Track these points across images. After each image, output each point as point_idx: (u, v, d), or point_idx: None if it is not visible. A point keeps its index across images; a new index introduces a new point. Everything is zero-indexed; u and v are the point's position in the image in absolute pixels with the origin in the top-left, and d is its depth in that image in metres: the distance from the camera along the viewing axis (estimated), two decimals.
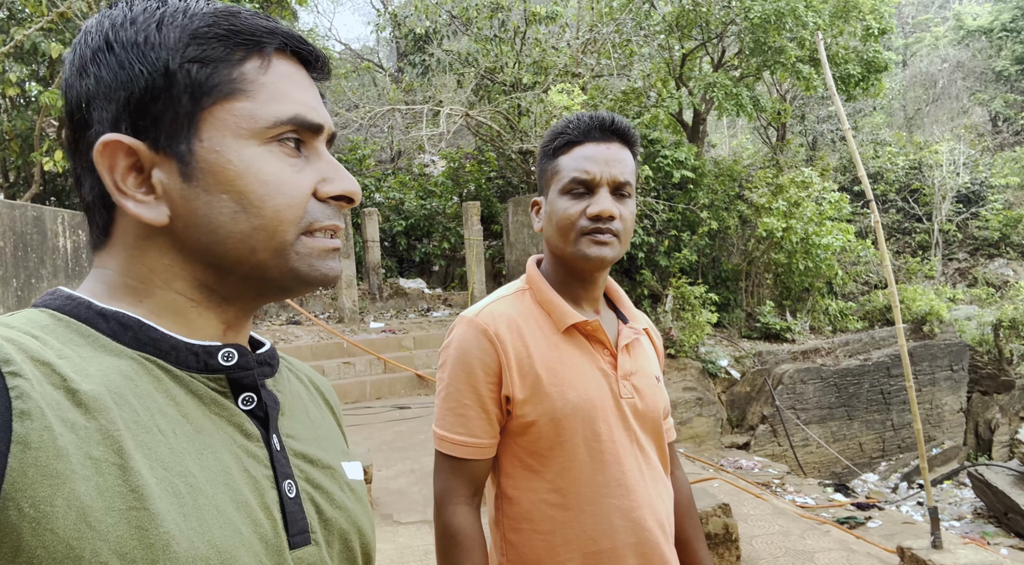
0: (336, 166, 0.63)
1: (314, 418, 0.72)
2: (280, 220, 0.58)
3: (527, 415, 1.14)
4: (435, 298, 10.52)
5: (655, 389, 1.24)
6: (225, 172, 0.57)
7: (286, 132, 0.59)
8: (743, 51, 10.85)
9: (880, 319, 10.91)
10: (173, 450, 0.52)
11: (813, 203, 9.74)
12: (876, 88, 11.55)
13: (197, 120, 0.57)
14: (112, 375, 0.52)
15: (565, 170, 1.18)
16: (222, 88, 0.57)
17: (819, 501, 7.27)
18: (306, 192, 0.60)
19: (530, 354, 1.16)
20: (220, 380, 0.60)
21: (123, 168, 0.57)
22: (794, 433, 9.20)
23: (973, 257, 15.29)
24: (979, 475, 8.52)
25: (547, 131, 1.25)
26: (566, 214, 1.17)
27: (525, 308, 1.22)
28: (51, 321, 0.54)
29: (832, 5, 10.65)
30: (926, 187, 15.11)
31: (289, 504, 0.59)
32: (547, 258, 1.27)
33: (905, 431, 10.21)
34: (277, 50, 0.61)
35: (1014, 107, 20.29)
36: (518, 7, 9.73)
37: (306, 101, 0.61)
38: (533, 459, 1.16)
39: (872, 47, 11.07)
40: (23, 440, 0.44)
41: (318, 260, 0.61)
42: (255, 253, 0.59)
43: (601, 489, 1.14)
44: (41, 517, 0.44)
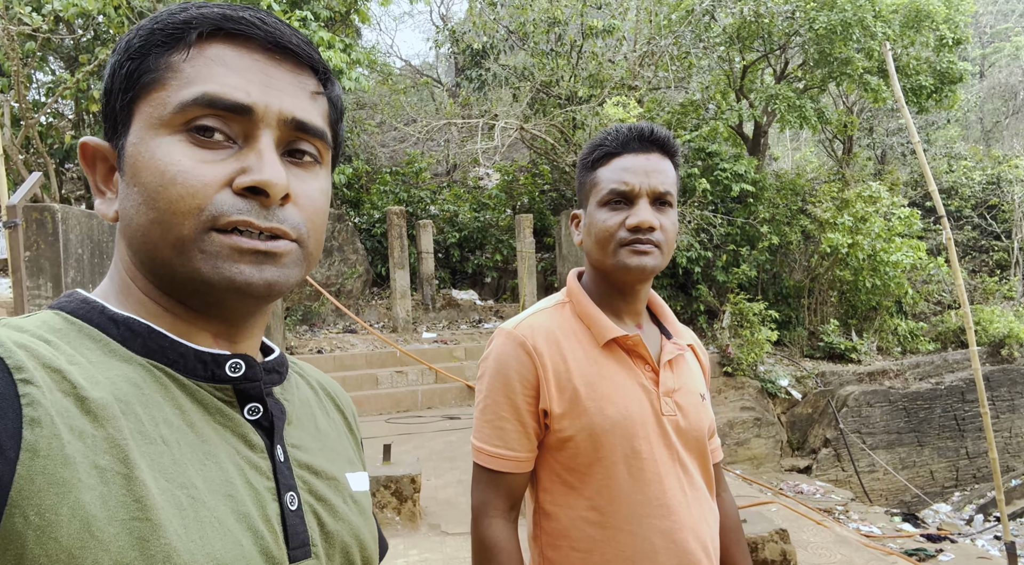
0: (263, 156, 0.56)
1: (322, 427, 0.71)
2: (173, 211, 0.54)
3: (565, 430, 1.12)
4: (487, 309, 10.56)
5: (699, 407, 1.21)
6: (136, 164, 0.56)
7: (198, 117, 0.55)
8: (807, 62, 10.55)
9: (954, 341, 10.34)
10: (176, 461, 0.52)
11: (881, 218, 9.35)
12: (950, 100, 11.05)
13: (130, 115, 0.57)
14: (120, 383, 0.52)
15: (604, 182, 1.17)
16: (145, 79, 0.56)
17: (886, 531, 6.90)
18: (209, 182, 0.54)
19: (568, 368, 1.14)
20: (226, 390, 0.59)
21: (103, 169, 0.60)
22: (859, 458, 8.78)
23: None
24: None
25: (588, 142, 1.24)
26: (605, 226, 1.15)
27: (565, 321, 1.20)
28: (64, 325, 0.55)
29: (903, 15, 10.26)
30: (1005, 203, 14.32)
31: (291, 517, 0.59)
32: (588, 271, 1.26)
33: (981, 460, 9.61)
34: (211, 36, 0.56)
35: None
36: (575, 21, 9.75)
37: (228, 82, 0.55)
38: (571, 475, 1.14)
39: (946, 57, 10.61)
40: (32, 448, 0.45)
41: (225, 261, 0.55)
42: (156, 248, 0.55)
43: (641, 508, 1.11)
44: (46, 525, 0.44)
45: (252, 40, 0.58)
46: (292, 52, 0.59)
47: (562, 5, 9.64)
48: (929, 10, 10.27)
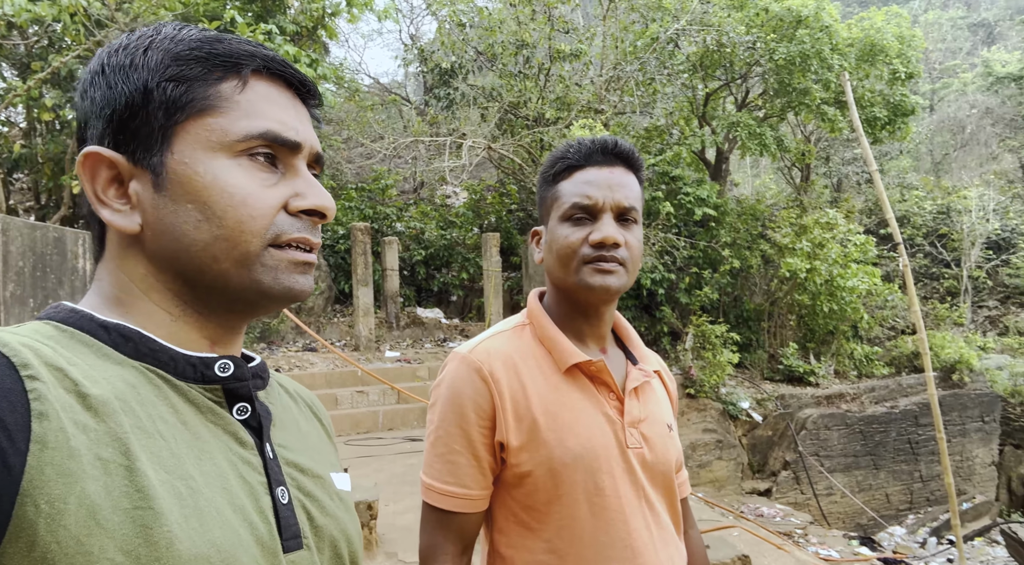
0: (312, 183, 0.65)
1: (304, 430, 0.74)
2: (242, 230, 0.60)
3: (522, 464, 1.03)
4: (452, 328, 10.45)
5: (666, 439, 1.13)
6: (191, 183, 0.60)
7: (257, 147, 0.62)
8: (767, 92, 10.85)
9: (907, 365, 10.61)
10: (174, 454, 0.54)
11: (838, 245, 9.58)
12: (903, 132, 11.46)
13: (170, 134, 0.60)
14: (117, 382, 0.55)
15: (566, 196, 1.10)
16: (196, 104, 0.60)
17: (844, 554, 6.96)
18: (273, 205, 0.62)
19: (527, 396, 1.05)
20: (216, 390, 0.62)
21: (104, 179, 0.61)
22: (817, 481, 8.89)
23: (1004, 305, 14.90)
24: (1013, 533, 8.11)
25: (548, 156, 1.16)
26: (567, 242, 1.07)
27: (524, 345, 1.11)
28: (56, 332, 0.57)
29: (858, 48, 10.65)
30: (955, 232, 14.86)
31: (282, 509, 0.61)
32: (549, 291, 1.17)
33: (934, 483, 9.82)
34: (257, 72, 0.64)
35: None
36: (543, 45, 9.85)
37: (282, 119, 0.63)
38: (529, 514, 1.04)
39: (899, 91, 11.02)
40: (41, 439, 0.47)
41: (284, 273, 0.63)
42: (216, 262, 0.60)
43: (604, 551, 1.02)
44: (55, 514, 0.46)
45: (284, 79, 0.66)
46: (309, 93, 0.68)
47: (530, 29, 9.73)
48: (883, 45, 10.69)
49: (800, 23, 10.09)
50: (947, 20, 29.56)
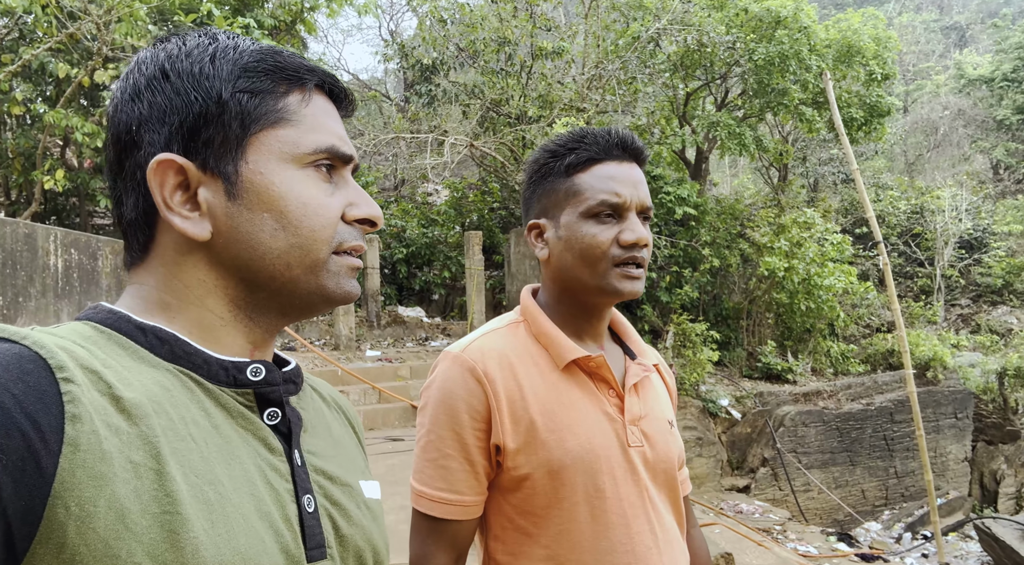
0: (362, 193, 0.68)
1: (336, 436, 0.74)
2: (315, 239, 0.63)
3: (520, 467, 1.00)
4: (434, 327, 10.40)
5: (668, 436, 1.10)
6: (268, 192, 0.62)
7: (321, 159, 0.65)
8: (747, 92, 10.93)
9: (882, 363, 10.76)
10: (205, 458, 0.55)
11: (815, 244, 9.69)
12: (878, 132, 11.61)
13: (245, 144, 0.62)
14: (151, 385, 0.55)
15: (590, 191, 1.04)
16: (269, 117, 0.63)
17: (822, 550, 7.04)
18: (337, 214, 0.65)
19: (524, 396, 1.01)
20: (248, 395, 0.63)
21: (172, 186, 0.62)
22: (795, 477, 8.98)
23: (976, 303, 15.20)
24: (986, 528, 8.28)
25: (548, 143, 1.11)
26: (596, 241, 1.03)
27: (519, 342, 1.08)
28: (95, 333, 0.58)
29: (835, 50, 10.76)
30: (928, 232, 15.12)
31: (308, 518, 0.62)
32: (550, 288, 1.12)
33: (909, 479, 9.98)
34: (318, 87, 0.67)
35: (1016, 156, 20.44)
36: (525, 42, 9.82)
37: (340, 133, 0.67)
38: (527, 520, 1.01)
39: (875, 92, 11.16)
40: (73, 442, 0.47)
41: (344, 278, 0.66)
42: (290, 269, 0.63)
43: (605, 557, 0.99)
44: (85, 516, 0.46)
45: (335, 94, 0.69)
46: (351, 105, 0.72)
47: (512, 26, 9.70)
48: (860, 46, 10.82)
49: (779, 24, 10.18)
50: (920, 23, 30.10)
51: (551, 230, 1.09)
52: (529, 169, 1.14)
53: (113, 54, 7.07)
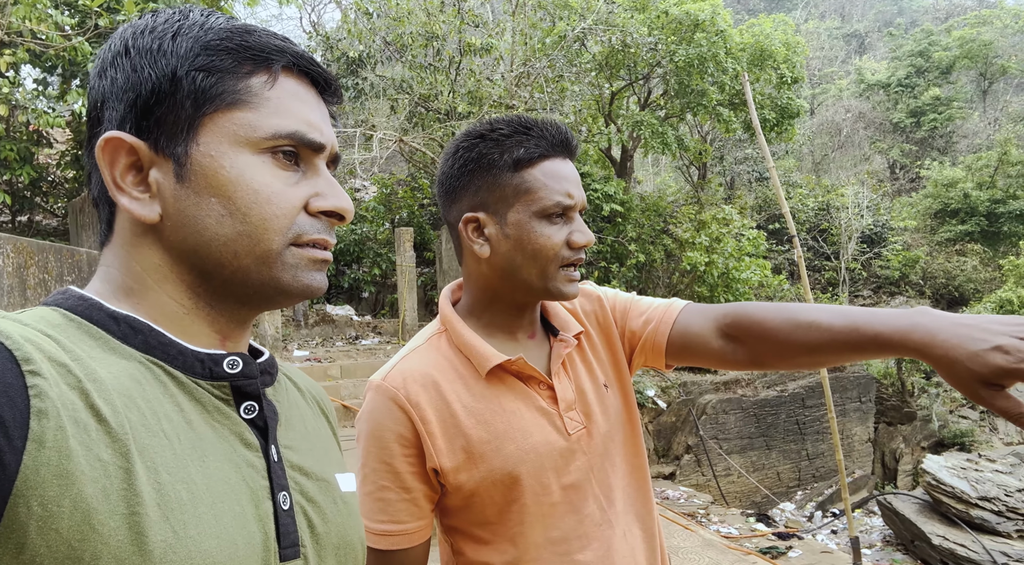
0: (332, 183, 0.65)
1: (311, 428, 0.72)
2: (266, 228, 0.60)
3: (464, 485, 0.98)
4: (364, 325, 10.23)
5: (605, 401, 1.08)
6: (216, 176, 0.59)
7: (283, 145, 0.61)
8: (668, 92, 11.30)
9: None
10: (177, 456, 0.53)
11: (733, 239, 10.14)
12: (789, 133, 12.26)
13: (197, 125, 0.59)
14: (122, 378, 0.53)
15: (544, 190, 1.00)
16: (225, 97, 0.60)
17: (742, 531, 7.40)
18: (295, 204, 0.62)
19: (454, 413, 0.99)
20: (224, 388, 0.61)
21: (123, 165, 0.60)
22: (717, 463, 9.39)
23: (876, 294, 16.32)
24: (888, 504, 8.92)
25: (484, 131, 1.03)
26: (550, 242, 1.00)
27: (442, 357, 1.04)
28: (63, 321, 0.55)
29: (749, 53, 11.29)
30: (833, 227, 16.09)
31: (283, 516, 0.60)
32: (482, 286, 1.07)
33: (819, 461, 10.61)
34: (285, 68, 0.63)
35: (909, 156, 22.04)
36: (453, 37, 9.79)
37: (308, 119, 0.63)
38: (483, 530, 1.01)
39: (785, 94, 11.78)
40: (39, 438, 0.45)
41: (303, 271, 0.63)
42: (237, 257, 0.60)
43: (559, 546, 1.00)
44: (48, 516, 0.44)
45: (310, 77, 0.65)
46: (332, 91, 0.67)
47: (440, 21, 9.64)
48: (771, 51, 11.39)
49: (697, 27, 10.57)
50: (824, 30, 31.85)
51: (494, 226, 1.03)
52: (462, 156, 1.04)
53: (10, 39, 6.57)
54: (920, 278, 16.41)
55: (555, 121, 1.05)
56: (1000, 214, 16.87)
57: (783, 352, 1.00)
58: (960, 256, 17.01)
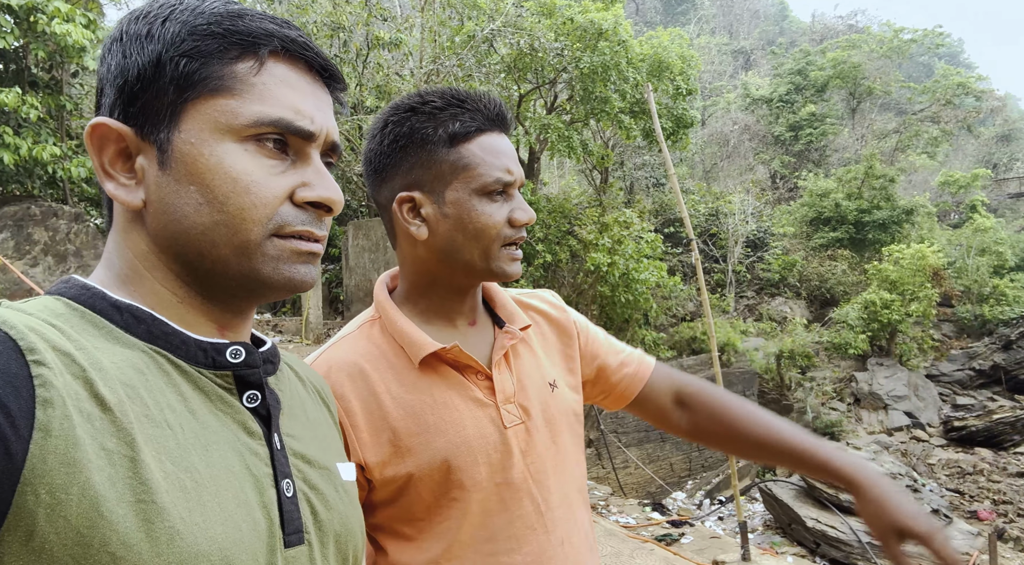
0: (322, 173, 0.63)
1: (312, 417, 0.72)
2: (244, 218, 0.58)
3: (390, 480, 0.92)
4: (264, 324, 9.81)
5: (549, 399, 1.03)
6: (196, 164, 0.57)
7: (267, 133, 0.59)
8: (573, 98, 11.61)
9: (686, 348, 12.03)
10: (180, 445, 0.53)
11: (633, 241, 10.57)
12: (683, 142, 12.91)
13: (180, 111, 0.58)
14: (125, 368, 0.53)
15: (484, 166, 0.94)
16: (208, 83, 0.58)
17: (639, 520, 7.73)
18: (278, 195, 0.60)
19: (381, 405, 0.93)
20: (227, 377, 0.60)
21: (112, 151, 0.59)
22: (616, 456, 9.76)
23: (759, 295, 17.51)
24: (768, 490, 9.61)
25: (413, 103, 0.96)
26: (492, 221, 0.95)
27: (373, 345, 0.98)
28: (67, 310, 0.55)
29: (648, 64, 11.80)
30: (722, 232, 17.10)
31: (286, 503, 0.60)
32: (418, 271, 1.01)
33: (708, 451, 11.25)
34: (275, 53, 0.61)
35: (789, 167, 23.78)
36: (360, 30, 9.59)
37: (297, 106, 0.61)
38: (410, 527, 0.95)
39: (681, 105, 12.40)
40: (45, 427, 0.45)
41: (286, 264, 0.61)
42: (216, 247, 0.59)
43: (485, 546, 0.94)
44: (56, 504, 0.44)
45: (306, 62, 0.63)
46: (332, 77, 0.65)
47: (347, 12, 9.42)
48: (669, 63, 11.95)
49: (601, 36, 10.92)
50: (715, 45, 33.71)
51: (430, 206, 0.96)
52: (391, 132, 0.97)
53: None
54: (797, 280, 17.77)
55: (488, 93, 0.99)
56: (866, 223, 18.54)
57: (730, 436, 1.11)
58: (832, 261, 18.56)
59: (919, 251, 15.60)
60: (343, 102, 0.68)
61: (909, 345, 16.22)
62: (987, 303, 17.89)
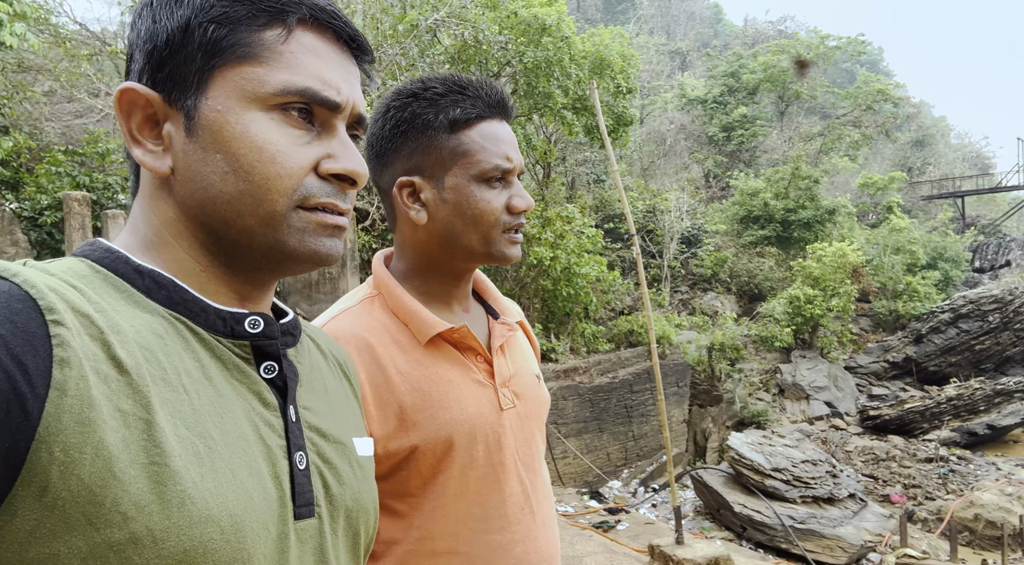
0: (347, 145, 0.63)
1: (331, 391, 0.72)
2: (269, 188, 0.58)
3: (393, 453, 0.94)
4: None
5: (536, 390, 1.10)
6: (222, 132, 0.57)
7: (293, 102, 0.59)
8: (517, 92, 11.66)
9: (624, 341, 12.32)
10: (196, 410, 0.53)
11: (575, 236, 10.73)
12: (623, 140, 13.17)
13: (207, 78, 0.58)
14: (144, 332, 0.53)
15: (483, 153, 0.97)
16: (236, 50, 0.58)
17: (578, 509, 7.91)
18: (303, 165, 0.60)
19: (388, 379, 0.95)
20: (245, 347, 0.60)
21: (140, 117, 0.59)
22: (555, 446, 9.92)
23: (692, 290, 18.08)
24: (699, 477, 9.98)
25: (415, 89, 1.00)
26: (490, 207, 0.98)
27: (375, 320, 0.99)
28: (90, 272, 0.55)
29: (591, 61, 11.98)
30: (658, 229, 17.54)
31: (298, 475, 0.60)
32: (418, 253, 1.04)
33: (643, 441, 11.59)
34: (304, 22, 0.60)
35: (721, 167, 24.58)
36: None
37: (324, 76, 0.60)
38: (402, 502, 0.96)
39: (621, 103, 12.64)
40: (61, 387, 0.45)
41: (312, 236, 0.60)
42: (241, 217, 0.58)
43: (478, 524, 0.97)
44: (70, 462, 0.45)
45: (334, 32, 0.62)
46: (360, 48, 0.65)
47: None
48: (610, 61, 12.16)
49: (545, 31, 11.00)
50: (653, 45, 34.43)
51: (430, 191, 0.99)
52: (393, 117, 1.00)
53: None
54: (728, 276, 18.44)
55: (490, 80, 1.02)
56: (792, 222, 19.39)
57: None
58: (760, 258, 19.34)
59: (840, 249, 16.44)
60: (371, 74, 0.68)
61: (830, 338, 17.11)
62: (901, 299, 19.04)
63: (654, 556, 5.09)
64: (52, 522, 0.45)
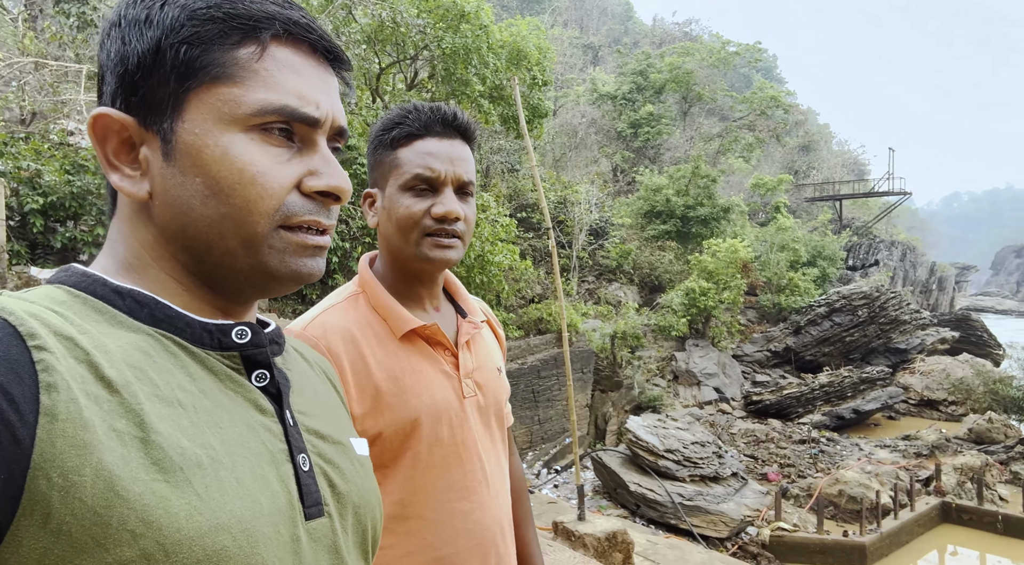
0: (329, 161, 0.62)
1: (321, 395, 0.73)
2: (250, 210, 0.57)
3: (368, 429, 1.07)
4: None
5: (496, 382, 1.24)
6: (201, 155, 0.57)
7: (272, 121, 0.58)
8: (435, 77, 11.63)
9: (533, 328, 12.65)
10: (194, 423, 0.53)
11: (489, 224, 10.89)
12: (538, 131, 13.41)
13: (182, 100, 0.57)
14: (131, 350, 0.53)
15: (407, 164, 1.12)
16: (210, 71, 0.57)
17: None
18: (285, 184, 0.59)
19: (368, 366, 1.09)
20: (234, 357, 0.61)
21: (116, 142, 0.58)
22: None
23: (599, 280, 18.72)
24: (598, 459, 10.46)
25: (381, 119, 1.17)
26: (408, 212, 1.11)
27: (360, 315, 1.14)
28: (68, 297, 0.54)
29: (508, 51, 12.11)
30: (569, 220, 18.01)
31: (303, 477, 0.61)
32: (384, 257, 1.20)
33: (548, 424, 11.99)
34: (277, 37, 0.59)
35: (628, 162, 25.45)
36: None
37: (301, 92, 0.59)
38: (378, 473, 1.08)
39: (537, 94, 12.86)
40: (50, 412, 0.45)
41: (293, 256, 0.60)
42: (223, 239, 0.58)
43: (444, 494, 1.11)
44: (70, 486, 0.44)
45: (309, 44, 0.61)
46: (337, 59, 0.64)
47: None
48: (527, 52, 12.32)
49: (463, 18, 11.00)
50: (567, 38, 34.87)
51: (380, 200, 1.16)
52: (371, 141, 1.19)
53: None
54: (631, 268, 19.23)
55: (442, 104, 1.15)
56: (691, 218, 20.40)
57: None
58: (661, 251, 20.26)
59: (732, 246, 17.51)
60: (350, 83, 0.67)
61: (720, 329, 18.24)
62: (784, 293, 20.53)
63: (557, 532, 5.38)
64: (60, 548, 0.44)
